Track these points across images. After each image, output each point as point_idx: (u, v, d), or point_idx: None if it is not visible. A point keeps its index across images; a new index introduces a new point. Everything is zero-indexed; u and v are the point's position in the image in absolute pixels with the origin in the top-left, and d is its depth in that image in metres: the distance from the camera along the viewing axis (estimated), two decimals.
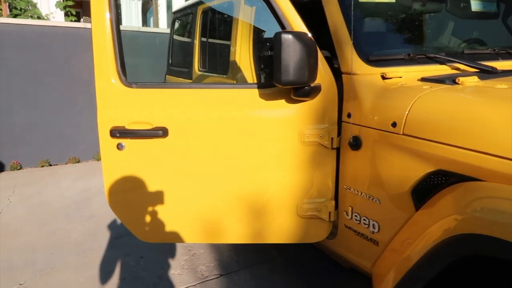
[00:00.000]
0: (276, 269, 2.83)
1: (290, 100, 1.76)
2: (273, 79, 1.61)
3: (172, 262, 2.94)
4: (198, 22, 3.26)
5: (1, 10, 7.37)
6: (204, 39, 3.23)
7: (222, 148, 1.82)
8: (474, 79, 1.60)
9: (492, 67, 1.78)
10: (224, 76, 2.80)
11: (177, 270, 2.86)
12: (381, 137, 1.57)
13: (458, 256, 1.15)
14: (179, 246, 3.16)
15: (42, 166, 5.29)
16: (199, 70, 3.30)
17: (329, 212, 1.85)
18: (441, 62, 1.85)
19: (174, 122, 1.80)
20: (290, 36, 1.51)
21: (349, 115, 1.72)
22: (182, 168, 1.85)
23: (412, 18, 2.12)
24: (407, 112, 1.47)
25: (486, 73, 1.76)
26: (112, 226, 3.52)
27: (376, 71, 1.71)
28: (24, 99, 5.11)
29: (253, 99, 1.79)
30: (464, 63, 1.81)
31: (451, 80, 1.59)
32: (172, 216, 1.91)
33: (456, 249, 1.15)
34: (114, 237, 3.32)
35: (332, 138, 1.76)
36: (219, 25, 3.11)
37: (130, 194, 1.89)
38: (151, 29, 5.80)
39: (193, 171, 1.85)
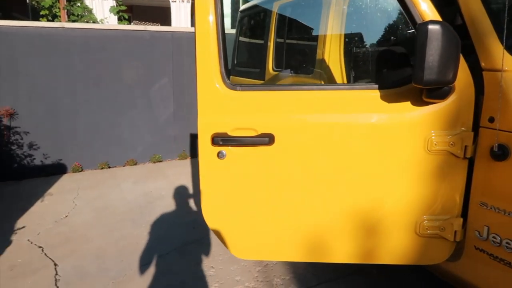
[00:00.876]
0: (359, 284, 2.60)
1: (416, 102, 1.54)
2: (404, 78, 1.39)
3: (245, 273, 2.78)
4: (274, 19, 3.08)
5: (60, 17, 7.57)
6: (280, 37, 3.06)
7: (334, 157, 1.62)
8: None
9: None
10: (310, 75, 2.60)
11: (252, 282, 2.68)
12: None
13: None
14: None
15: (102, 168, 5.32)
16: (274, 70, 3.13)
17: (455, 231, 1.60)
18: None
19: (282, 128, 1.62)
20: (438, 27, 1.28)
21: (491, 120, 1.47)
22: (288, 179, 1.67)
23: None
24: None
25: None
26: (179, 232, 3.41)
27: None
28: (86, 102, 5.16)
29: (371, 101, 1.57)
30: None
31: None
32: (274, 232, 1.73)
33: None
34: (181, 244, 3.20)
35: (466, 146, 1.52)
36: (301, 21, 2.92)
37: (229, 206, 1.73)
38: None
39: (300, 182, 1.66)
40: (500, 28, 1.47)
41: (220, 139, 1.61)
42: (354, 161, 1.62)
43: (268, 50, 3.17)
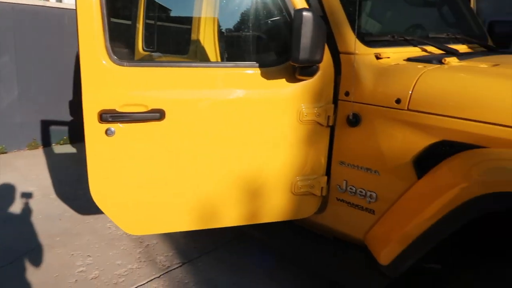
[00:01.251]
0: (239, 249, 2.84)
1: (290, 79, 1.78)
2: (278, 57, 1.60)
3: (126, 257, 2.73)
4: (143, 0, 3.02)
5: None
6: (151, 16, 3.02)
7: (221, 130, 1.76)
8: (455, 60, 1.81)
9: (455, 50, 2.04)
10: (185, 56, 2.67)
11: (135, 264, 2.67)
12: (384, 113, 1.69)
13: (479, 215, 1.31)
14: (128, 239, 2.95)
15: None
16: (144, 50, 3.08)
17: (321, 187, 1.93)
18: (414, 44, 2.04)
19: (172, 103, 1.67)
20: (310, 14, 1.52)
21: (347, 93, 1.80)
22: (179, 153, 1.74)
23: (389, 2, 2.29)
24: (411, 90, 1.61)
25: (451, 54, 1.99)
26: (43, 226, 3.10)
27: (371, 51, 1.82)
28: None
29: (254, 78, 1.75)
30: (435, 45, 2.03)
31: (438, 60, 1.78)
32: (166, 204, 1.78)
33: (478, 208, 1.32)
34: (48, 237, 2.94)
35: (328, 116, 1.83)
36: (173, 0, 2.94)
37: (119, 184, 1.71)
38: (42, 2, 5.09)
39: (189, 154, 1.75)
40: (352, 18, 1.81)
41: (109, 116, 1.58)
42: (237, 133, 1.78)
43: (138, 29, 3.10)
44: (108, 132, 1.61)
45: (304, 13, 1.51)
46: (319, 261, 2.06)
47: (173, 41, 2.90)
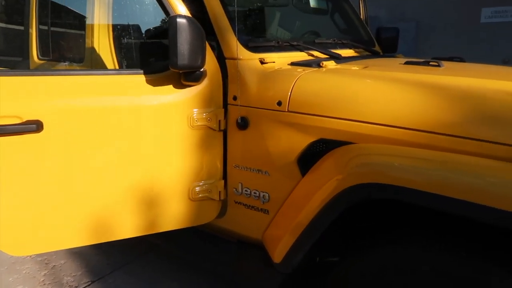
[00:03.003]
0: (152, 261, 2.78)
1: (178, 86, 1.78)
2: (157, 64, 1.60)
3: (29, 282, 2.56)
4: (35, 3, 2.85)
5: None
6: (44, 23, 2.86)
7: (108, 140, 1.71)
8: (332, 63, 1.93)
9: (338, 54, 2.18)
10: (81, 64, 2.56)
11: None
12: (268, 115, 1.75)
13: (352, 203, 1.41)
14: (32, 262, 2.77)
15: None
16: (40, 59, 2.91)
17: (219, 192, 1.95)
18: (300, 49, 2.15)
19: (50, 114, 1.59)
20: (184, 21, 1.53)
21: (235, 98, 1.84)
22: (61, 166, 1.66)
23: (273, 9, 2.38)
24: (289, 92, 1.69)
25: (335, 59, 2.13)
26: None
27: (255, 57, 1.88)
28: None
29: (138, 85, 1.73)
30: (319, 50, 2.16)
31: (317, 64, 1.89)
32: (52, 220, 1.69)
33: (350, 197, 1.42)
34: None
35: (219, 121, 1.86)
36: (66, 6, 2.80)
37: None
38: None
39: (76, 167, 1.68)
40: (234, 26, 1.86)
41: None
42: (126, 142, 1.74)
43: (31, 36, 2.92)
44: None
45: (178, 20, 1.53)
46: (224, 265, 2.09)
47: (69, 48, 2.76)
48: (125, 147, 1.74)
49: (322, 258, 1.81)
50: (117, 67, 2.48)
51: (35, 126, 1.56)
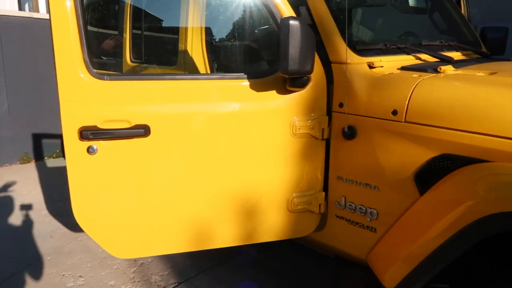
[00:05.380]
0: (239, 267, 2.73)
1: (281, 91, 1.69)
2: (267, 68, 1.52)
3: (120, 277, 2.63)
4: (129, 7, 2.93)
5: None
6: (137, 27, 2.93)
7: (210, 147, 1.67)
8: (451, 68, 1.72)
9: (450, 57, 1.95)
10: (173, 67, 2.58)
11: (128, 284, 2.56)
12: (380, 125, 1.60)
13: (489, 235, 1.22)
14: (121, 259, 2.84)
15: None
16: (132, 61, 2.99)
17: (319, 204, 1.83)
18: (407, 52, 1.96)
19: (157, 118, 1.58)
20: (297, 23, 1.43)
21: (341, 105, 1.71)
22: (166, 170, 1.64)
23: (371, 10, 2.21)
24: (407, 101, 1.52)
25: (446, 62, 1.90)
26: (34, 245, 3.00)
27: (363, 61, 1.73)
28: None
29: (241, 91, 1.67)
30: (429, 53, 1.95)
31: (433, 68, 1.69)
32: (154, 225, 1.69)
33: (486, 228, 1.22)
34: (39, 257, 2.83)
35: (322, 129, 1.74)
36: (160, 10, 2.85)
37: (104, 205, 1.61)
38: (29, 14, 4.98)
39: (178, 172, 1.66)
40: (342, 27, 1.72)
41: (90, 133, 1.49)
42: (228, 149, 1.69)
43: (124, 40, 3.01)
44: (90, 150, 1.52)
45: (291, 22, 1.43)
46: (319, 283, 1.96)
47: (161, 52, 2.80)
48: (227, 154, 1.69)
49: (437, 285, 1.62)
50: (208, 70, 2.47)
51: (144, 131, 1.55)
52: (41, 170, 4.83)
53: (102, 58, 3.56)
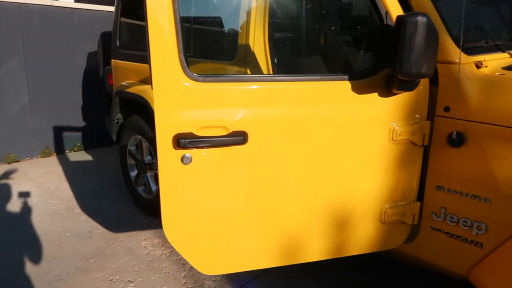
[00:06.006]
0: (295, 274, 2.61)
1: (382, 94, 1.55)
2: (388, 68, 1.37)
3: (171, 283, 2.51)
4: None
5: None
6: (187, 17, 2.75)
7: (307, 153, 1.53)
8: None
9: None
10: (231, 62, 2.42)
11: None
12: (498, 133, 1.46)
13: None
14: (169, 261, 2.72)
15: None
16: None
17: (413, 215, 1.70)
18: (502, 49, 1.80)
19: (255, 124, 1.44)
20: (425, 20, 1.28)
21: (446, 109, 1.57)
22: (261, 181, 1.50)
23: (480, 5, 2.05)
24: None
25: None
26: (73, 246, 2.87)
27: (470, 60, 1.59)
28: None
29: (343, 92, 1.52)
30: None
31: None
32: (249, 239, 1.55)
33: None
34: (81, 259, 2.70)
35: (423, 135, 1.60)
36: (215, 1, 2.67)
37: (197, 219, 1.47)
38: (50, 1, 4.79)
39: (273, 183, 1.52)
40: (450, 25, 1.57)
41: (186, 141, 1.34)
42: (324, 156, 1.55)
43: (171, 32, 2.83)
44: (184, 160, 1.38)
45: (419, 18, 1.28)
46: None
47: (215, 45, 2.64)
48: (322, 161, 1.55)
49: None
50: (270, 67, 2.31)
51: (242, 139, 1.41)
52: (65, 164, 4.67)
53: (137, 50, 3.40)
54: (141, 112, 3.14)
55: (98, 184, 4.03)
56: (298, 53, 2.18)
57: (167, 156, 1.36)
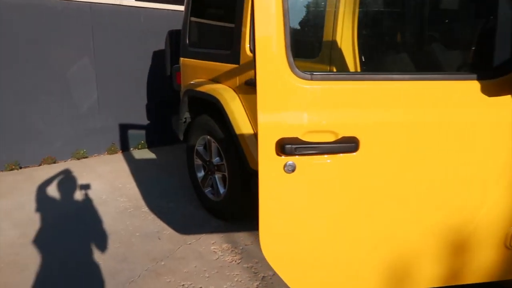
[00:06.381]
0: None
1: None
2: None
3: None
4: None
5: None
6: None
7: (430, 163, 1.31)
8: None
9: None
10: (313, 59, 2.24)
11: None
12: None
13: None
14: (240, 268, 2.60)
15: (11, 170, 4.31)
16: (252, 52, 2.69)
17: None
18: None
19: (367, 128, 1.25)
20: None
21: None
22: (374, 196, 1.31)
23: None
24: None
25: None
26: (142, 246, 2.83)
27: None
28: None
29: (471, 93, 1.30)
30: None
31: None
32: (357, 261, 1.37)
33: None
34: (152, 261, 2.65)
35: None
36: None
37: (301, 237, 1.31)
38: (135, 2, 4.89)
39: (388, 198, 1.32)
40: None
41: (294, 147, 1.19)
42: (447, 167, 1.33)
43: (244, 28, 2.71)
44: (286, 168, 1.22)
45: None
46: None
47: (295, 42, 2.47)
48: (445, 173, 1.33)
49: None
50: (358, 64, 2.11)
51: (354, 146, 1.23)
52: (130, 162, 4.74)
53: (209, 49, 3.31)
54: (211, 112, 3.05)
55: (164, 183, 4.02)
56: (397, 49, 1.96)
57: (268, 163, 1.21)
